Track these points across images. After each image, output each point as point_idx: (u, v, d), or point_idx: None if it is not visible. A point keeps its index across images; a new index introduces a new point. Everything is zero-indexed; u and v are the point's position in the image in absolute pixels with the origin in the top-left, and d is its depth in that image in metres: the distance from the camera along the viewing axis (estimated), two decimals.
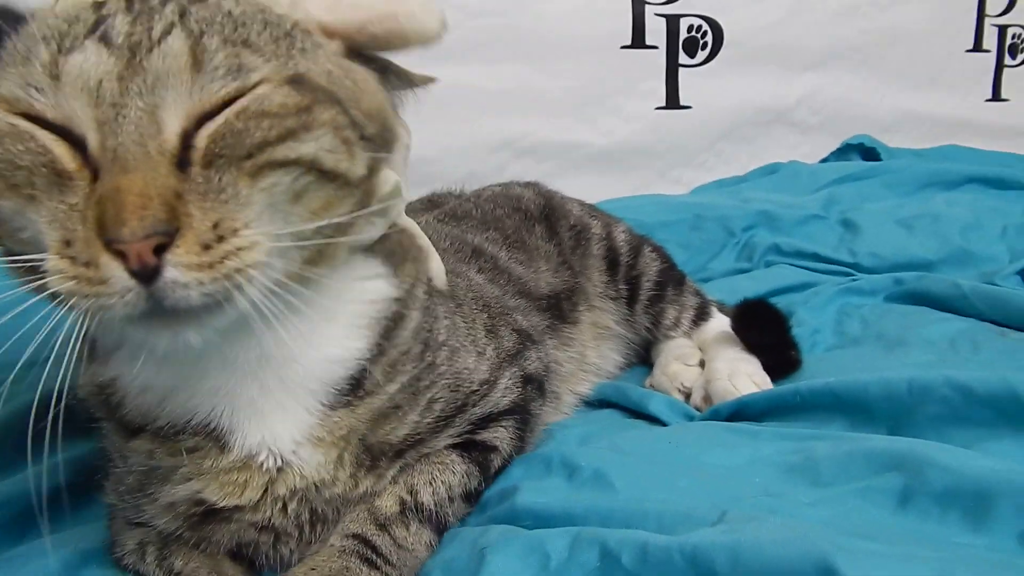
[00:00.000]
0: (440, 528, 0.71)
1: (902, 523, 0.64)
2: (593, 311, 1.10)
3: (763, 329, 1.01)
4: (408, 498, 0.68)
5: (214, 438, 0.62)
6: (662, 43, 1.98)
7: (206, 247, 0.48)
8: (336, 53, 0.58)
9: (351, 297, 0.65)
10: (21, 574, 0.67)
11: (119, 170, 0.47)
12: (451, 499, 0.72)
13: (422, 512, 0.69)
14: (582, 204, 1.25)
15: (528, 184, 1.27)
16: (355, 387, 0.65)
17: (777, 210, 1.71)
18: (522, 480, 0.76)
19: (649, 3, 1.94)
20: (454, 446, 0.74)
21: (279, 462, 0.63)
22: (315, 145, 0.53)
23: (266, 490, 0.63)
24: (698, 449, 0.82)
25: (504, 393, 0.79)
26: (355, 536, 0.65)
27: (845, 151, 2.17)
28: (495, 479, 0.78)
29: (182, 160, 0.49)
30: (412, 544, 0.67)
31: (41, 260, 0.48)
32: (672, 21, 1.98)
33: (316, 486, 0.65)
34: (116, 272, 0.47)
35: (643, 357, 1.21)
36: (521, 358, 0.84)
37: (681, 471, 0.76)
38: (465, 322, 0.78)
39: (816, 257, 1.56)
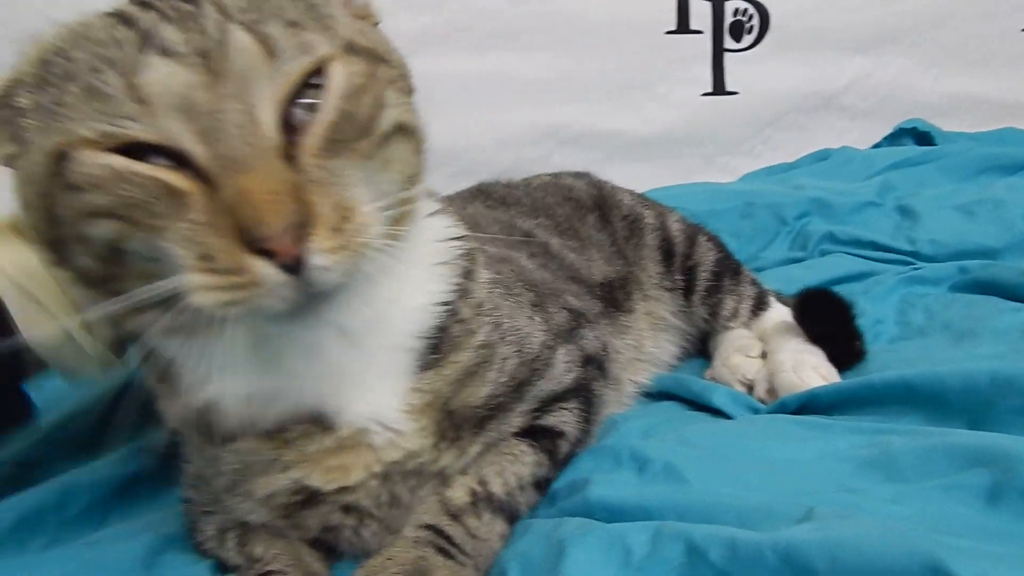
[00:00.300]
0: (512, 518, 0.71)
1: (993, 522, 0.62)
2: (648, 301, 1.09)
3: (826, 319, 0.99)
4: (479, 488, 0.69)
5: (319, 423, 0.63)
6: (707, 28, 1.95)
7: (336, 230, 0.49)
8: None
9: (425, 238, 0.67)
10: (107, 557, 0.68)
11: (237, 173, 0.47)
12: (522, 488, 0.72)
13: (493, 502, 0.69)
14: (633, 194, 1.24)
15: (579, 174, 1.26)
16: (441, 343, 0.66)
17: (831, 197, 1.67)
18: (592, 473, 0.76)
19: None
20: (523, 435, 0.74)
21: (385, 434, 0.64)
22: (396, 107, 0.55)
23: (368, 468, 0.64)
24: (767, 443, 0.80)
25: (565, 370, 0.79)
26: (429, 527, 0.65)
27: (898, 136, 2.11)
28: (564, 466, 0.78)
29: (287, 152, 0.50)
30: (485, 534, 0.67)
31: (173, 285, 0.48)
32: (717, 5, 1.95)
33: (406, 458, 0.66)
34: (266, 270, 0.47)
35: (700, 349, 1.19)
36: (577, 336, 0.84)
37: (752, 465, 0.74)
38: (512, 295, 0.79)
39: (873, 245, 1.51)
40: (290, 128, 0.51)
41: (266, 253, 0.47)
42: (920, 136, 2.07)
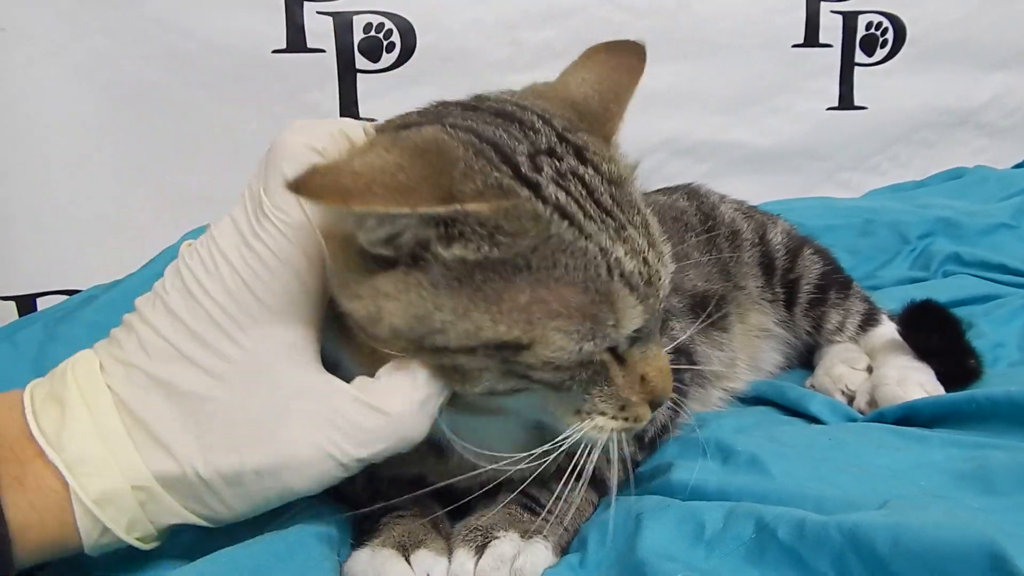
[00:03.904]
0: (598, 485, 0.74)
1: None
2: (748, 315, 1.11)
3: (933, 331, 0.97)
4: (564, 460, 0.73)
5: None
6: (837, 41, 1.90)
7: None
8: None
9: None
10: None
11: (651, 362, 0.62)
12: (608, 460, 0.75)
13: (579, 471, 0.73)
14: (738, 205, 1.25)
15: (691, 195, 1.27)
16: None
17: (959, 217, 1.60)
18: (677, 459, 0.79)
19: (825, 0, 1.88)
20: None
21: None
22: None
23: None
24: (860, 448, 0.80)
25: None
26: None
27: None
28: (650, 450, 0.83)
29: None
30: (569, 496, 0.70)
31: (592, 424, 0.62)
32: (849, 18, 1.90)
33: None
34: (648, 415, 0.63)
35: (805, 361, 1.19)
36: (666, 327, 0.88)
37: (841, 467, 0.75)
38: None
39: (1003, 269, 1.44)
40: None
41: (651, 406, 0.63)
42: None
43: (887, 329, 1.10)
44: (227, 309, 0.57)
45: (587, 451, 0.63)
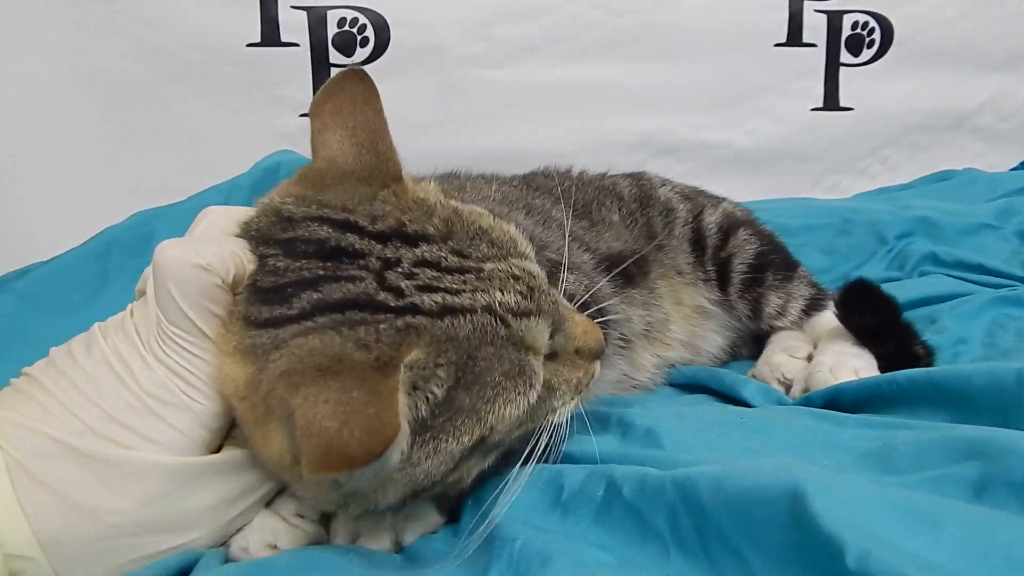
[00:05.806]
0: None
1: (976, 512, 0.57)
2: (677, 286, 1.09)
3: (866, 311, 0.94)
4: None
5: None
6: (822, 41, 1.87)
7: None
8: None
9: None
10: None
11: (574, 331, 0.65)
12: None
13: None
14: (677, 188, 1.24)
15: (634, 177, 1.26)
16: None
17: (940, 217, 1.55)
18: (576, 433, 0.76)
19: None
20: None
21: None
22: None
23: None
24: (770, 429, 0.77)
25: None
26: None
27: None
28: None
29: None
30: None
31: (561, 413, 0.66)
32: (834, 17, 1.87)
33: None
34: (596, 367, 0.67)
35: (755, 352, 1.15)
36: (555, 280, 0.87)
37: (739, 444, 0.73)
38: None
39: (980, 269, 1.39)
40: None
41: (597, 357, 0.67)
42: None
43: (832, 315, 1.06)
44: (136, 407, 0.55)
45: (549, 430, 0.64)
